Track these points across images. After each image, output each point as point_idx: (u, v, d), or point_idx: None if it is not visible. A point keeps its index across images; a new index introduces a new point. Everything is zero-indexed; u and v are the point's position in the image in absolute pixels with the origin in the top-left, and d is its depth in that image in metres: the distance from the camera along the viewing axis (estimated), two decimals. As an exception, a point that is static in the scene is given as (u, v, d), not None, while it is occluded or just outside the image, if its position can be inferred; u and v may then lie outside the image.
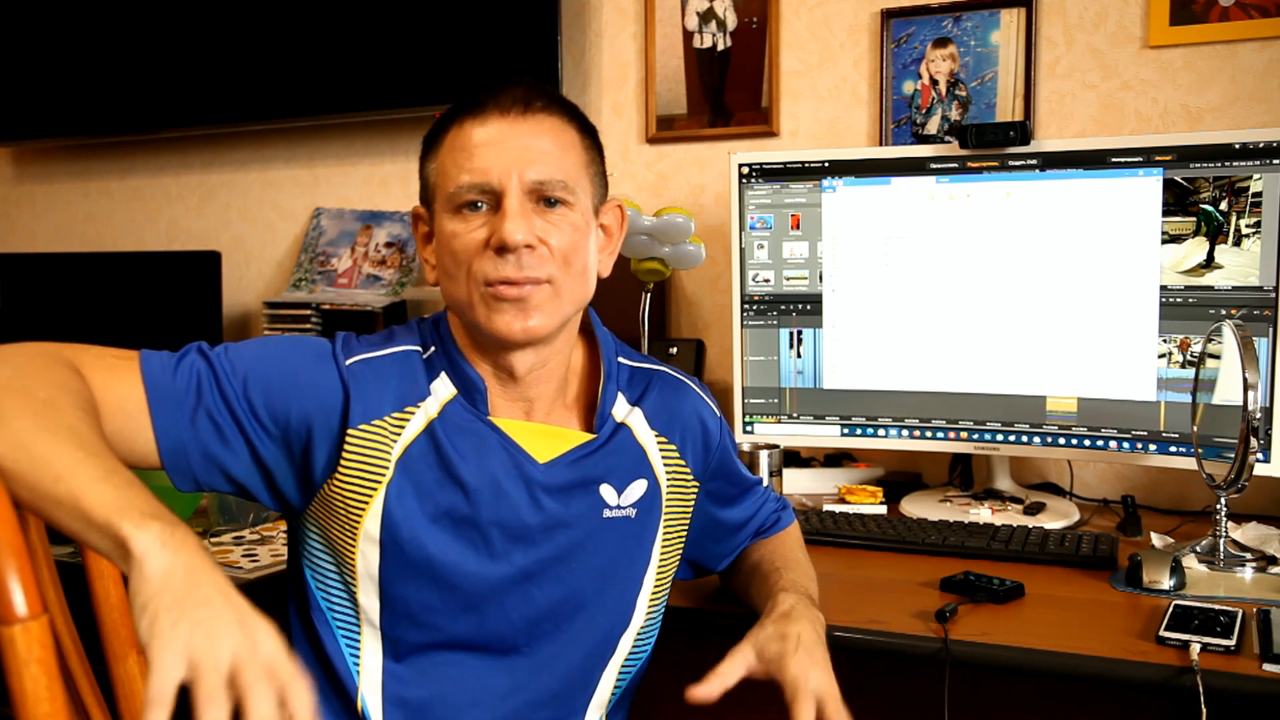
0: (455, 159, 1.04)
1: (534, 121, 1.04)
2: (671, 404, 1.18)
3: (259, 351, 1.04)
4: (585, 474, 1.11)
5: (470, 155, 1.03)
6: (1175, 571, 1.33)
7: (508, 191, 1.02)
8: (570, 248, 1.05)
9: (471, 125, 1.04)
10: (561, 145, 1.06)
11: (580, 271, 1.07)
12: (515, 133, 1.03)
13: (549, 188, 1.04)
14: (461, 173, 1.03)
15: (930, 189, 1.73)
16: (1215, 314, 1.57)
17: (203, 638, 0.71)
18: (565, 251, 1.04)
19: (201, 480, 1.01)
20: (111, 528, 0.76)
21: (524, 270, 1.02)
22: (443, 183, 1.05)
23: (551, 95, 1.08)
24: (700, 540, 1.24)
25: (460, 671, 1.08)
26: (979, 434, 1.75)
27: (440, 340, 1.11)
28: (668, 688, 1.19)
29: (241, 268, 2.62)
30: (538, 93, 1.06)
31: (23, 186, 2.91)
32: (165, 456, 0.98)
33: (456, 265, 1.04)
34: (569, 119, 1.08)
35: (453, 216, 1.04)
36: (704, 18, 2.16)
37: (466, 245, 1.03)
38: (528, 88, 1.06)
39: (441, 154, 1.06)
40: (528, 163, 1.03)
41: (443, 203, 1.05)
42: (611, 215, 1.15)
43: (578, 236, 1.06)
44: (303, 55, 2.39)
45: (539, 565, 1.09)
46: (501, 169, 1.02)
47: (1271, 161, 1.53)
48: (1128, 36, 1.87)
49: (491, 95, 1.05)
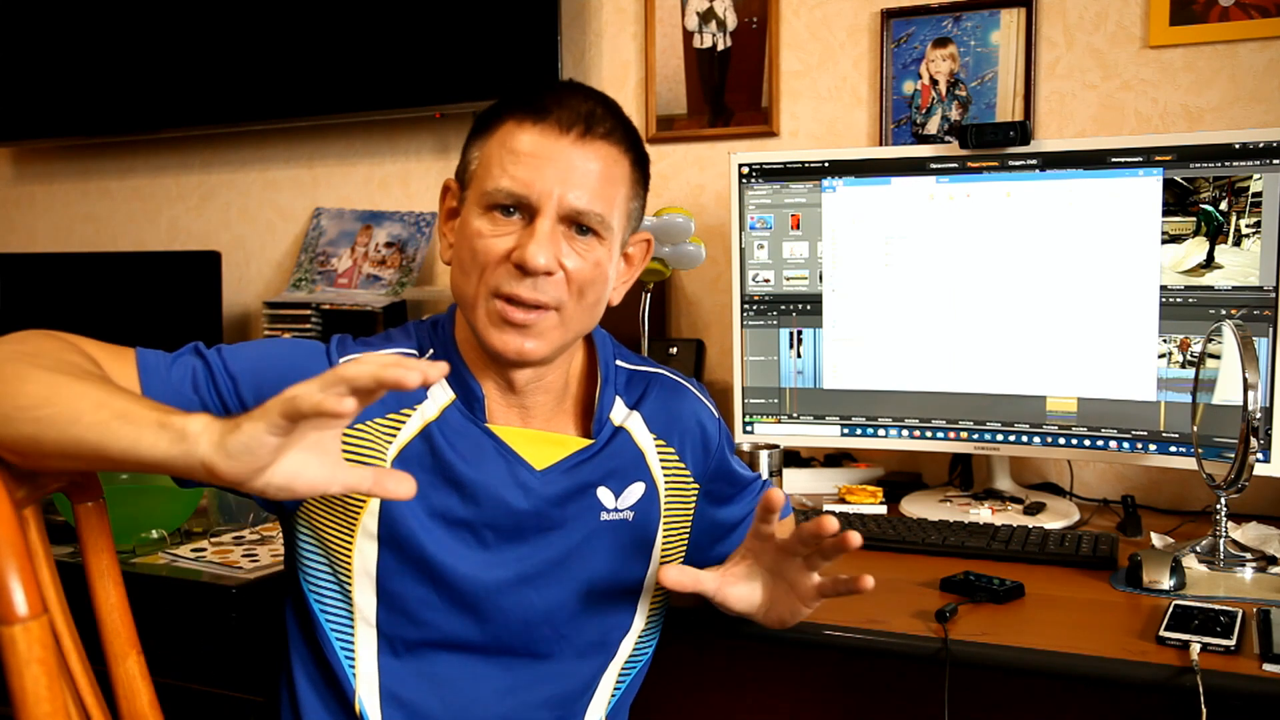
0: (501, 158, 1.02)
1: (591, 148, 1.02)
2: (670, 407, 1.18)
3: (253, 352, 1.05)
4: (582, 479, 1.11)
5: (517, 161, 1.01)
6: (1175, 571, 1.33)
7: (543, 211, 1.01)
8: (588, 280, 1.04)
9: (529, 129, 1.02)
10: (610, 178, 1.04)
11: (591, 303, 1.06)
12: (568, 154, 1.01)
13: (585, 218, 1.02)
14: (504, 176, 1.01)
15: (930, 189, 1.73)
16: (1215, 314, 1.57)
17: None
18: (582, 283, 1.04)
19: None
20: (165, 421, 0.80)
21: (536, 293, 1.01)
22: (482, 175, 1.04)
23: (615, 120, 1.06)
24: (702, 542, 1.24)
25: (458, 671, 1.08)
26: (979, 434, 1.75)
27: (440, 344, 1.10)
28: (668, 689, 1.18)
29: (241, 268, 2.62)
30: (603, 116, 1.04)
31: (23, 186, 2.91)
32: None
33: (473, 263, 1.03)
34: (626, 149, 1.06)
35: (482, 214, 1.03)
36: (704, 18, 2.16)
37: (488, 249, 1.02)
38: (594, 108, 1.04)
39: (490, 145, 1.04)
40: (571, 186, 1.01)
41: (476, 195, 1.04)
42: (637, 247, 1.14)
43: (598, 271, 1.05)
44: (303, 55, 2.39)
45: (536, 568, 1.09)
46: (543, 187, 1.00)
47: (1271, 161, 1.53)
48: (1128, 36, 1.88)
49: (558, 102, 1.03)
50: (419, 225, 2.39)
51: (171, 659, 1.41)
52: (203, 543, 1.62)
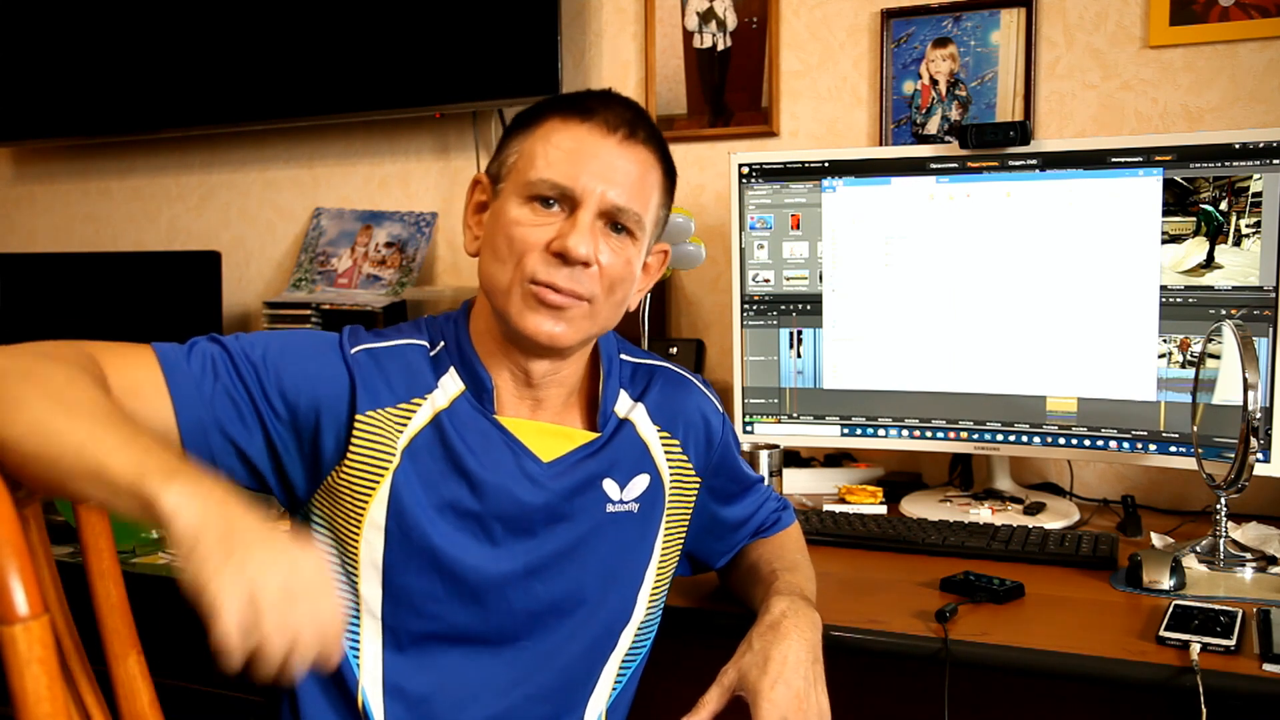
0: (546, 150, 1.05)
1: (633, 150, 1.06)
2: (674, 399, 1.19)
3: (268, 340, 1.06)
4: (589, 471, 1.12)
5: (563, 154, 1.04)
6: (1175, 571, 1.33)
7: (585, 204, 1.03)
8: (619, 277, 1.07)
9: (575, 126, 1.05)
10: (647, 182, 1.08)
11: (619, 301, 1.09)
12: (613, 153, 1.05)
13: (623, 215, 1.05)
14: (549, 167, 1.04)
15: (930, 189, 1.74)
16: (1215, 314, 1.57)
17: (255, 570, 0.74)
18: (614, 279, 1.06)
19: (219, 462, 1.01)
20: (137, 490, 0.78)
21: (573, 283, 1.03)
22: (524, 166, 1.06)
23: (653, 130, 1.10)
24: (700, 536, 1.24)
25: (461, 664, 1.08)
26: (979, 434, 1.75)
27: (453, 336, 1.11)
28: (668, 688, 1.19)
29: (241, 268, 2.62)
30: (643, 124, 1.08)
31: (23, 186, 2.91)
32: (186, 437, 0.98)
33: (509, 252, 1.04)
34: (660, 159, 1.10)
35: (522, 204, 1.05)
36: (704, 18, 2.16)
37: (526, 238, 1.04)
38: (636, 115, 1.08)
39: (533, 139, 1.06)
40: (613, 183, 1.04)
41: (516, 186, 1.06)
42: (655, 257, 1.17)
43: (629, 270, 1.08)
44: (303, 55, 2.39)
45: (542, 559, 1.09)
46: (588, 180, 1.03)
47: (1271, 161, 1.53)
48: (1128, 36, 1.88)
49: (603, 105, 1.07)
50: (419, 225, 2.39)
51: (171, 659, 1.41)
52: (203, 543, 1.62)
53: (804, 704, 1.02)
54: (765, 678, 1.02)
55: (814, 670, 1.05)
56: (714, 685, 1.06)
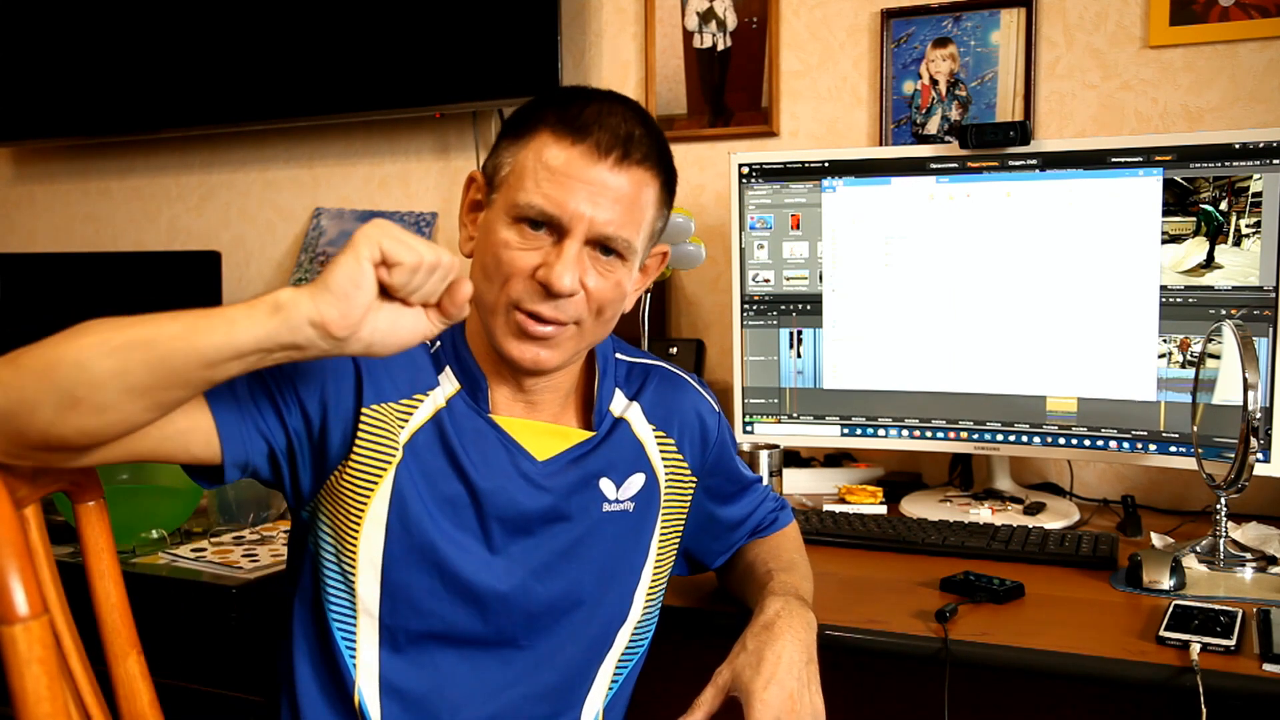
0: (535, 171, 1.02)
1: (626, 174, 1.03)
2: (669, 399, 1.19)
3: None
4: (584, 471, 1.12)
5: (551, 178, 1.01)
6: (1175, 571, 1.33)
7: (572, 233, 1.01)
8: (607, 300, 1.05)
9: (566, 145, 1.02)
10: (640, 204, 1.05)
11: (608, 319, 1.08)
12: (602, 178, 1.01)
13: (612, 241, 1.03)
14: (536, 192, 1.01)
15: (930, 189, 1.74)
16: (1215, 314, 1.57)
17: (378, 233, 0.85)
18: (602, 302, 1.05)
19: (251, 455, 1.00)
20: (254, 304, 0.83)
21: (558, 312, 1.03)
22: (514, 184, 1.03)
23: (651, 144, 1.06)
24: (697, 536, 1.24)
25: (458, 664, 1.09)
26: (979, 434, 1.75)
27: (449, 335, 1.11)
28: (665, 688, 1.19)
29: (241, 268, 2.62)
30: (640, 140, 1.04)
31: (23, 186, 2.91)
32: (222, 429, 0.97)
33: (497, 272, 1.04)
34: (658, 172, 1.07)
35: (510, 224, 1.03)
36: (704, 18, 2.16)
37: (513, 261, 1.02)
38: (633, 130, 1.04)
39: (525, 155, 1.04)
40: (602, 210, 1.01)
41: (506, 204, 1.04)
42: (654, 258, 1.15)
43: (618, 291, 1.06)
44: (303, 55, 2.39)
45: (539, 559, 1.09)
46: (575, 209, 1.01)
47: (1271, 161, 1.53)
48: (1128, 36, 1.88)
49: (598, 122, 1.02)
50: (419, 225, 2.39)
51: (171, 659, 1.41)
52: (203, 543, 1.62)
53: (797, 704, 1.02)
54: (759, 678, 1.02)
55: (808, 670, 1.05)
56: (708, 686, 1.05)
